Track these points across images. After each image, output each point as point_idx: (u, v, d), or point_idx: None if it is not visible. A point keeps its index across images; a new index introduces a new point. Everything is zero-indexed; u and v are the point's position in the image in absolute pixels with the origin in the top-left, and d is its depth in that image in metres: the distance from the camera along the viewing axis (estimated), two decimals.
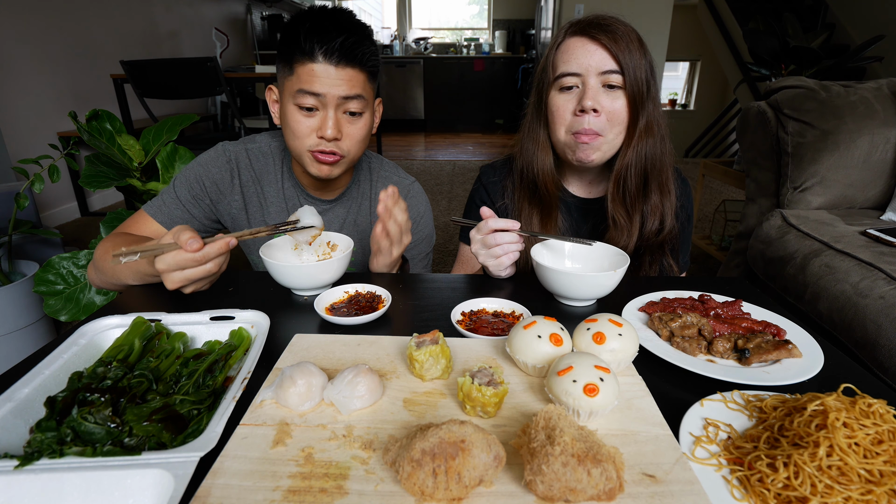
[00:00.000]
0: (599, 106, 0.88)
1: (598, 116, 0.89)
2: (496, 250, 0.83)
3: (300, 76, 0.88)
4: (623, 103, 0.89)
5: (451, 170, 5.04)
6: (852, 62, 3.12)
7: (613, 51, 0.87)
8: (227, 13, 5.63)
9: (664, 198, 0.96)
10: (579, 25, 0.91)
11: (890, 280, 1.30)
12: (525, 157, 1.01)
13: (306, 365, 0.54)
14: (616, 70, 0.87)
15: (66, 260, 1.36)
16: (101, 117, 1.53)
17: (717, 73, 6.69)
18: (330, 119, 0.90)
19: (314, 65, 0.87)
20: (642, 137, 0.91)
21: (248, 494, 0.42)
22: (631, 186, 0.94)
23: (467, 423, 0.43)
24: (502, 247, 0.83)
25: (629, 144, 0.92)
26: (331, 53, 0.86)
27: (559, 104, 0.92)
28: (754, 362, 0.64)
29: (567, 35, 0.92)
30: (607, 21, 0.89)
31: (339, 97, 0.89)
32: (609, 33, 0.87)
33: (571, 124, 0.92)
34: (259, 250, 0.83)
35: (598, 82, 0.88)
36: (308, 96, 0.88)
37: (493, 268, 0.86)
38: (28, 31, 3.10)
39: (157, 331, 0.65)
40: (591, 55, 0.88)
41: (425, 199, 1.15)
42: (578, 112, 0.90)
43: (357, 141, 0.95)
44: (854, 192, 1.82)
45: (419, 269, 1.14)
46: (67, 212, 3.50)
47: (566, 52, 0.90)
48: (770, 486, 0.43)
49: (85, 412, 0.50)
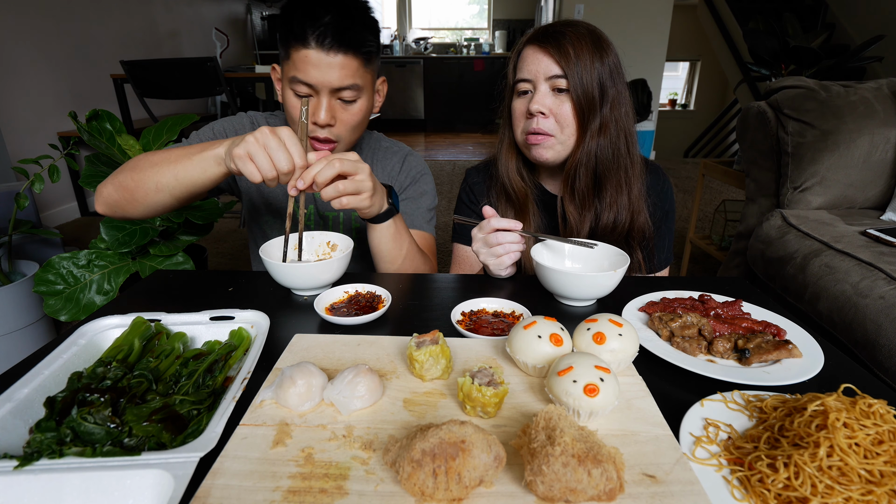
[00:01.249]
0: (546, 109, 0.94)
1: (546, 119, 0.95)
2: (497, 249, 0.84)
3: (295, 62, 0.89)
4: (570, 106, 0.94)
5: (451, 170, 5.04)
6: (852, 62, 3.12)
7: (556, 58, 0.92)
8: (227, 13, 5.63)
9: (621, 195, 0.98)
10: (535, 34, 0.97)
11: (890, 280, 1.30)
12: (498, 159, 1.07)
13: (306, 365, 0.54)
14: (560, 75, 0.92)
15: (66, 260, 1.36)
16: (101, 117, 1.53)
17: (717, 73, 6.69)
18: (323, 106, 0.90)
19: (307, 51, 0.87)
20: (594, 138, 0.95)
21: (248, 495, 0.42)
22: (580, 184, 0.98)
23: (467, 424, 0.43)
24: (504, 246, 0.84)
25: (580, 144, 0.96)
26: (322, 38, 0.86)
27: (516, 107, 1.00)
28: (754, 362, 0.64)
29: (525, 44, 0.98)
30: (560, 28, 0.94)
31: (331, 87, 0.89)
32: (556, 41, 0.93)
33: (525, 126, 0.98)
34: (259, 250, 0.83)
35: (547, 87, 0.94)
36: (301, 85, 0.89)
37: (494, 267, 0.87)
38: (28, 31, 3.10)
39: (157, 331, 0.65)
40: (539, 62, 0.94)
41: (423, 162, 1.19)
42: (528, 115, 0.96)
43: (351, 126, 0.96)
44: (854, 192, 1.82)
45: (421, 224, 1.13)
46: (67, 212, 3.50)
47: (523, 59, 0.97)
48: (770, 487, 0.43)
49: (85, 412, 0.50)
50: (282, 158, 0.72)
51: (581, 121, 0.95)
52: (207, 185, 0.83)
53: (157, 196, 0.85)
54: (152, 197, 0.85)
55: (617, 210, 0.98)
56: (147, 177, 0.84)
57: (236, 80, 3.41)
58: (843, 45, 3.38)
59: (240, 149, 0.73)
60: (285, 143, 0.73)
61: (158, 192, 0.84)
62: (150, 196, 0.85)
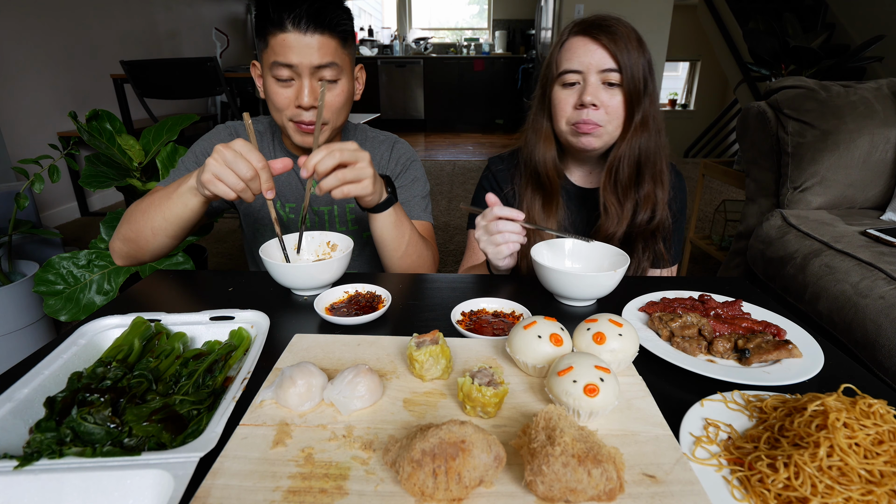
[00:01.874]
0: (598, 101, 0.94)
1: (596, 110, 0.95)
2: (497, 238, 0.85)
3: (273, 48, 0.91)
4: (620, 100, 0.95)
5: (452, 170, 5.04)
6: (852, 62, 3.12)
7: (612, 50, 0.91)
8: (227, 13, 5.62)
9: (657, 188, 1.00)
10: (582, 25, 0.96)
11: (890, 280, 1.30)
12: (529, 148, 1.05)
13: (306, 365, 0.54)
14: (614, 69, 0.92)
15: (66, 260, 1.36)
16: (101, 117, 1.53)
17: (717, 73, 6.69)
18: (305, 88, 0.92)
19: (285, 35, 0.89)
20: (637, 131, 0.96)
21: (248, 495, 0.42)
22: (623, 176, 0.98)
23: (467, 424, 0.43)
24: (504, 235, 0.84)
25: (624, 137, 0.97)
26: (298, 20, 0.88)
27: (561, 98, 0.98)
28: (754, 362, 0.64)
29: (570, 34, 0.97)
30: (608, 22, 0.94)
31: (311, 66, 0.91)
32: (609, 34, 0.92)
33: (571, 116, 0.97)
34: (259, 250, 0.83)
35: (597, 79, 0.94)
36: (282, 68, 0.91)
37: (493, 255, 0.88)
38: (28, 31, 3.10)
39: (157, 331, 0.65)
40: (591, 54, 0.93)
41: (411, 149, 1.21)
42: (578, 106, 0.95)
43: (336, 107, 0.97)
44: (854, 192, 1.82)
45: (419, 214, 1.14)
46: (67, 212, 3.50)
47: (569, 50, 0.96)
48: (770, 487, 0.43)
49: (84, 412, 0.50)
50: (242, 167, 0.74)
51: (628, 114, 0.95)
52: (194, 217, 0.87)
53: (156, 240, 0.89)
54: (152, 241, 0.90)
55: (654, 202, 1.00)
56: (141, 225, 0.89)
57: (236, 80, 3.41)
58: (843, 45, 3.37)
59: (205, 175, 0.75)
60: (242, 154, 0.75)
61: (155, 236, 0.88)
62: (151, 241, 0.90)
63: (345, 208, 1.14)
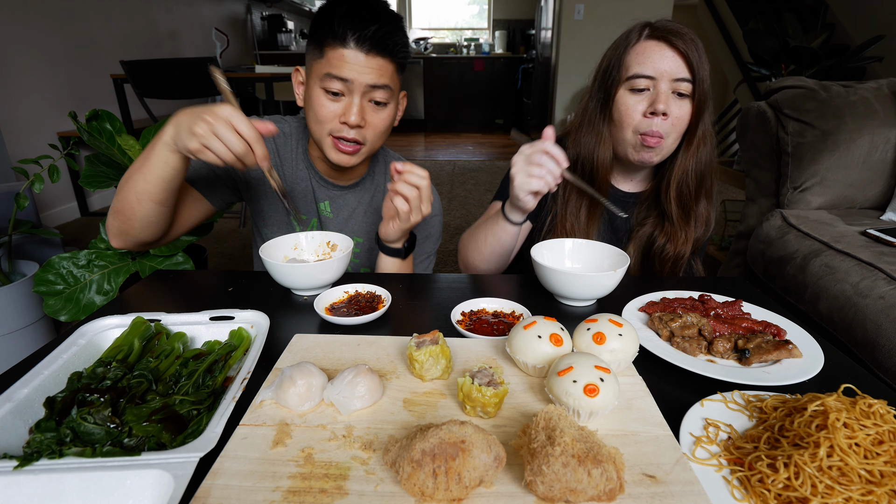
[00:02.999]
0: (669, 111, 0.91)
1: (665, 120, 0.92)
2: (534, 169, 0.83)
3: (330, 60, 0.87)
4: (688, 111, 0.93)
5: (451, 170, 5.04)
6: (852, 62, 3.12)
7: (690, 59, 0.89)
8: (227, 13, 5.62)
9: (710, 200, 1.00)
10: (655, 29, 0.92)
11: (890, 280, 1.30)
12: (584, 150, 1.02)
13: (306, 365, 0.54)
14: (688, 79, 0.90)
15: (66, 260, 1.36)
16: (100, 117, 1.53)
17: (717, 74, 6.68)
18: (355, 105, 0.89)
19: (345, 50, 0.86)
20: (701, 143, 0.95)
21: (248, 495, 0.42)
22: (688, 191, 0.97)
23: (467, 424, 0.43)
24: (542, 169, 0.82)
25: (688, 150, 0.95)
26: (363, 41, 0.86)
27: (629, 104, 0.94)
28: (755, 362, 0.64)
29: (643, 37, 0.93)
30: (683, 30, 0.91)
31: (366, 85, 0.89)
32: (685, 41, 0.89)
33: (639, 125, 0.94)
34: (259, 250, 0.83)
35: (668, 88, 0.91)
36: (335, 81, 0.88)
37: (519, 184, 0.85)
38: (28, 31, 3.10)
39: (157, 331, 0.65)
40: (667, 60, 0.90)
41: (438, 200, 1.16)
42: (649, 114, 0.92)
43: (379, 131, 0.96)
44: (854, 192, 1.82)
45: (421, 269, 1.14)
46: (67, 212, 3.50)
47: (641, 54, 0.92)
48: (770, 487, 0.43)
49: (84, 412, 0.50)
50: (234, 142, 0.72)
51: (692, 126, 0.94)
52: (177, 176, 0.80)
53: (141, 207, 0.82)
54: (139, 209, 0.83)
55: (707, 217, 1.00)
56: (126, 192, 0.82)
57: (236, 80, 3.41)
58: (843, 45, 3.37)
59: (192, 143, 0.72)
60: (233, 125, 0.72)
61: (140, 202, 0.82)
62: (137, 209, 0.83)
63: None
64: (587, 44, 4.83)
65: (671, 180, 0.98)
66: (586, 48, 4.85)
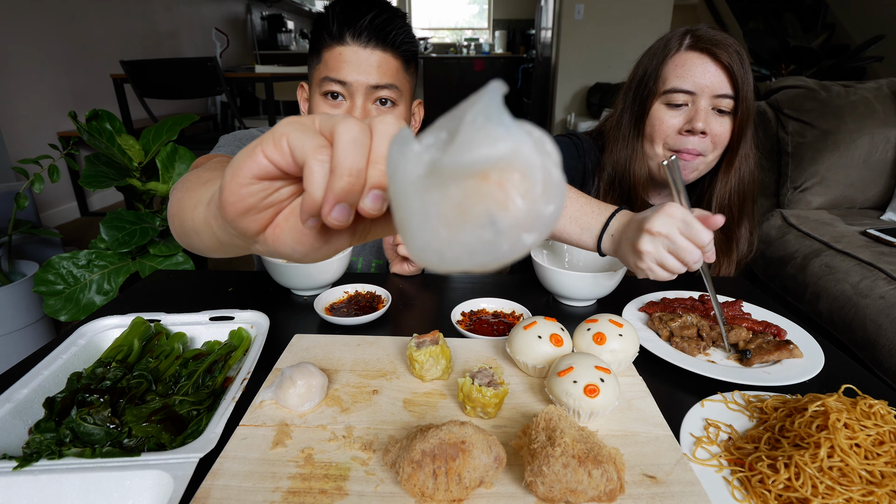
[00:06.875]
0: (708, 129, 0.85)
1: (703, 139, 0.86)
2: (671, 260, 0.61)
3: (327, 62, 0.81)
4: (729, 128, 0.86)
5: None
6: (852, 62, 3.12)
7: (734, 73, 0.82)
8: (227, 13, 5.62)
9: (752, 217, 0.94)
10: (698, 39, 0.85)
11: (890, 280, 1.29)
12: (619, 164, 0.96)
13: (306, 365, 0.54)
14: (731, 95, 0.83)
15: (66, 260, 1.36)
16: (100, 117, 1.53)
17: None
18: (357, 109, 0.81)
19: (342, 48, 0.80)
20: (743, 162, 0.89)
21: (248, 495, 0.42)
22: (731, 214, 0.91)
23: (467, 424, 0.43)
24: (692, 252, 0.60)
25: (728, 170, 0.89)
26: (359, 33, 0.79)
27: (664, 119, 0.88)
28: (755, 363, 0.63)
29: (684, 47, 0.86)
30: (727, 40, 0.83)
31: (367, 86, 0.81)
32: (729, 53, 0.82)
33: (674, 142, 0.88)
34: None
35: (708, 104, 0.85)
36: (334, 83, 0.81)
37: (648, 267, 0.63)
38: (28, 31, 3.10)
39: (157, 331, 0.65)
40: (708, 75, 0.83)
41: None
42: (685, 132, 0.86)
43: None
44: (854, 192, 1.82)
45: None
46: (67, 212, 3.50)
47: (681, 66, 0.85)
48: (771, 487, 0.43)
49: (84, 413, 0.50)
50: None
51: (733, 144, 0.87)
52: None
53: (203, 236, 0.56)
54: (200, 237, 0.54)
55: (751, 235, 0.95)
56: (183, 201, 0.55)
57: (236, 80, 3.41)
58: (843, 45, 3.37)
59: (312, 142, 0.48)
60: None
61: (201, 236, 0.52)
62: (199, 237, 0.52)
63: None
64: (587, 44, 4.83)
65: (712, 202, 0.92)
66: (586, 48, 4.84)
